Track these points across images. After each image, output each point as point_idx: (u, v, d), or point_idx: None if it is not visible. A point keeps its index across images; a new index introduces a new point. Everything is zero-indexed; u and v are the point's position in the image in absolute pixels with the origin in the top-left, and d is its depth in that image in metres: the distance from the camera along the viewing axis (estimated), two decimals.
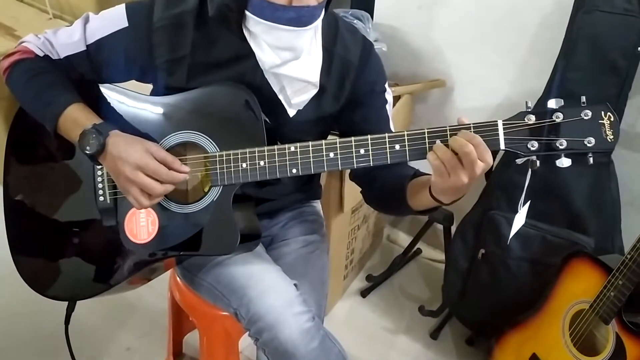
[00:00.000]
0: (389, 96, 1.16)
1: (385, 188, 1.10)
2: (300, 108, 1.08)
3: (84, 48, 1.05)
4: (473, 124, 0.87)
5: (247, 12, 0.95)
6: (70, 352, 1.28)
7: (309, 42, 1.00)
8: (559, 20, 1.48)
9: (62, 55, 1.06)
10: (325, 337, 1.09)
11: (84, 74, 1.08)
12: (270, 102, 1.06)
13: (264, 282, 1.10)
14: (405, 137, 0.91)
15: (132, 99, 1.08)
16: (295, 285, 1.12)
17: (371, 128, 1.08)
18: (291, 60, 0.99)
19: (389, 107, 1.16)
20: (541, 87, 1.49)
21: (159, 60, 1.04)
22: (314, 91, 1.06)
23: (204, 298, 1.21)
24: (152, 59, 1.04)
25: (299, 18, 0.93)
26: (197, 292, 1.22)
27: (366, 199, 1.22)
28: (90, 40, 1.05)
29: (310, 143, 0.95)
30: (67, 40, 1.06)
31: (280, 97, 1.06)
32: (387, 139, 0.91)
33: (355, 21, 1.73)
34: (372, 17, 1.81)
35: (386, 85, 1.16)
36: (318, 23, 0.99)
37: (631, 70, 1.40)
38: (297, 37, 0.96)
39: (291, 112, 1.08)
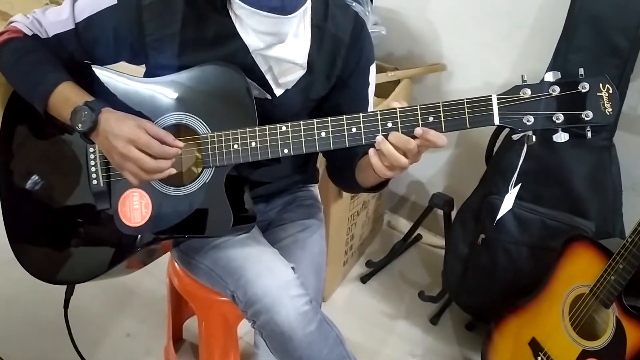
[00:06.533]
0: (372, 78, 1.15)
1: (339, 164, 1.12)
2: (289, 87, 1.08)
3: (72, 26, 1.04)
4: (466, 99, 0.86)
5: None
6: (70, 336, 1.28)
7: (295, 25, 0.99)
8: (560, 1, 1.45)
9: (51, 34, 1.05)
10: (322, 321, 1.08)
11: (73, 53, 1.07)
12: (262, 83, 1.05)
13: (261, 264, 1.09)
14: (398, 114, 0.89)
15: (122, 81, 1.07)
16: (292, 268, 1.11)
17: (350, 108, 1.09)
18: (275, 44, 0.99)
19: (371, 90, 1.16)
20: (542, 69, 1.47)
21: (149, 37, 1.03)
22: (301, 72, 1.06)
23: (202, 281, 1.20)
24: (142, 37, 1.03)
25: (282, 7, 0.92)
26: (194, 275, 1.22)
27: (328, 173, 1.25)
28: (79, 18, 1.04)
29: (301, 122, 0.94)
30: (55, 18, 1.05)
31: (268, 77, 1.05)
32: (379, 117, 0.90)
33: (354, 4, 1.71)
34: (371, 0, 1.78)
35: (372, 67, 1.15)
36: (306, 6, 0.98)
37: (633, 52, 1.38)
38: (281, 23, 0.95)
39: (278, 92, 1.07)
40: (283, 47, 1.00)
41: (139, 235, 1.06)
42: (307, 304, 1.07)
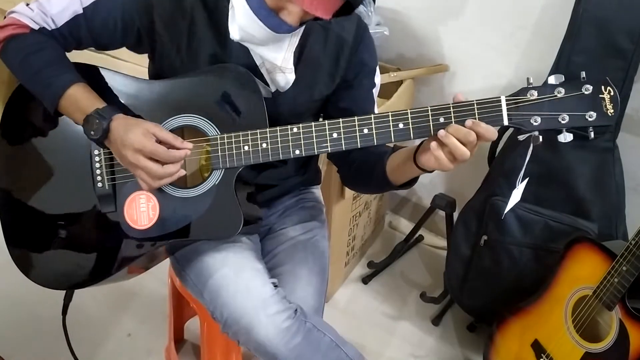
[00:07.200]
0: (377, 79, 1.16)
1: (364, 166, 1.11)
2: (281, 90, 1.07)
3: (80, 11, 1.03)
4: (476, 100, 0.88)
5: None
6: (68, 343, 1.27)
7: (280, 36, 0.98)
8: (564, 3, 1.45)
9: (59, 24, 1.03)
10: (311, 330, 1.06)
11: (81, 40, 1.06)
12: (262, 79, 1.05)
13: (238, 284, 1.07)
14: (409, 115, 0.90)
15: (130, 84, 1.06)
16: (273, 283, 1.09)
17: (356, 109, 1.08)
18: (248, 40, 0.98)
19: (375, 90, 1.16)
20: (545, 71, 1.47)
21: (158, 23, 1.02)
22: (284, 76, 1.05)
23: (190, 293, 1.19)
24: (150, 22, 1.02)
25: (277, 27, 0.93)
26: (184, 286, 1.20)
27: (343, 179, 1.24)
28: (87, 3, 1.03)
29: (313, 123, 0.95)
30: (61, 6, 1.03)
31: (262, 71, 1.05)
32: (390, 118, 0.91)
33: None
34: (374, 1, 1.78)
35: (376, 69, 1.16)
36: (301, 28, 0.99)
37: (637, 54, 1.38)
38: (268, 34, 0.95)
39: (272, 87, 1.07)
40: (262, 48, 0.99)
41: (146, 238, 1.05)
42: (290, 318, 1.04)
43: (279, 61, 1.02)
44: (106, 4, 1.02)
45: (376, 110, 1.15)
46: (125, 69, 1.11)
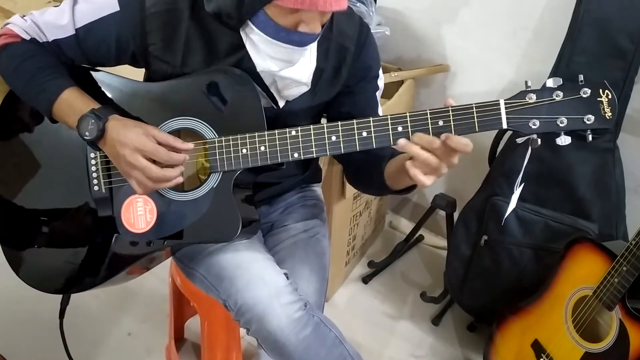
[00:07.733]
0: (380, 82, 1.16)
1: (365, 169, 1.11)
2: (290, 99, 1.07)
3: (72, 32, 1.02)
4: (475, 103, 0.88)
5: (249, 22, 0.93)
6: (65, 347, 1.26)
7: (306, 51, 0.99)
8: (565, 3, 1.45)
9: (51, 39, 1.03)
10: (319, 324, 1.07)
11: (73, 58, 1.05)
12: (265, 91, 1.05)
13: (252, 272, 1.08)
14: (408, 118, 0.90)
15: (126, 86, 1.06)
16: (285, 274, 1.09)
17: (360, 113, 1.08)
18: (286, 67, 0.98)
19: (379, 93, 1.16)
20: (546, 71, 1.47)
21: (153, 47, 1.02)
22: (305, 88, 1.06)
23: (198, 287, 1.19)
24: (145, 46, 1.02)
25: (300, 41, 0.93)
26: (191, 281, 1.21)
27: (347, 179, 1.25)
28: (80, 24, 1.01)
29: (311, 127, 0.94)
30: (55, 23, 1.02)
31: (272, 89, 1.05)
32: (389, 121, 0.91)
33: (358, 4, 1.71)
34: (375, 1, 1.78)
35: (380, 71, 1.15)
36: None
37: (637, 54, 1.37)
38: (296, 53, 0.95)
39: (281, 103, 1.07)
40: (290, 69, 0.99)
41: (143, 242, 1.05)
42: (301, 309, 1.05)
43: (305, 78, 1.02)
44: (100, 27, 1.01)
45: (380, 112, 1.15)
46: (123, 68, 1.10)
